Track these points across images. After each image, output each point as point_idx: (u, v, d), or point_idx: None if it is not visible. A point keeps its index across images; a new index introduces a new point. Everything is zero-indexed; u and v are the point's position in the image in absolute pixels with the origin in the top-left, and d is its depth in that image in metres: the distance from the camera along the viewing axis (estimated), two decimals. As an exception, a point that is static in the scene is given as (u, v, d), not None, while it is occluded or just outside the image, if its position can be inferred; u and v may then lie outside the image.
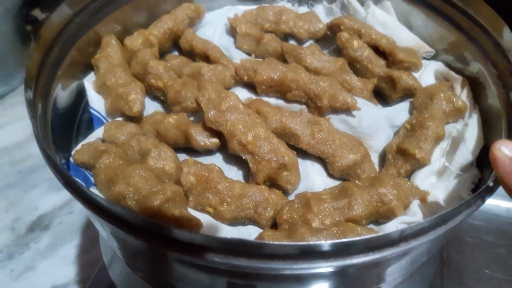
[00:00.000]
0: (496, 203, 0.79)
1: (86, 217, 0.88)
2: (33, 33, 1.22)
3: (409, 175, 0.52)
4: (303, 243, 0.34)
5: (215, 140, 0.52)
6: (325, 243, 0.33)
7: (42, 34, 0.51)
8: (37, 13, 1.28)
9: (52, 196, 0.90)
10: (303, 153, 0.53)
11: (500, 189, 0.39)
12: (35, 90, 0.47)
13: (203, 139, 0.52)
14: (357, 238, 0.33)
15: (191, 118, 0.57)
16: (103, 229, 0.45)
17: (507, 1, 0.60)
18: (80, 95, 0.58)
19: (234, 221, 0.48)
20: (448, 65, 0.63)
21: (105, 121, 0.56)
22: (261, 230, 0.47)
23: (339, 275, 0.40)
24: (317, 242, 0.33)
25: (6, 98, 1.09)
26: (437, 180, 0.51)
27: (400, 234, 0.35)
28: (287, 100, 0.58)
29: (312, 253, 0.34)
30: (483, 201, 0.39)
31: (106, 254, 0.63)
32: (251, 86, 0.60)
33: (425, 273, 0.62)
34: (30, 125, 0.43)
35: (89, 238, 0.84)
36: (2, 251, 0.82)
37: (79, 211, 0.88)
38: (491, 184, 0.39)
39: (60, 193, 0.90)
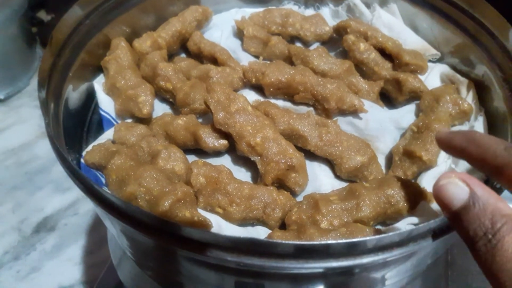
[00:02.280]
0: (500, 205, 0.79)
1: (91, 218, 0.88)
2: (38, 35, 1.23)
3: (416, 177, 0.53)
4: (314, 242, 0.34)
5: (224, 142, 0.52)
6: (337, 242, 0.33)
7: (54, 36, 0.51)
8: (42, 15, 1.29)
9: (58, 198, 0.91)
10: (310, 155, 0.54)
11: (505, 192, 0.39)
12: (47, 91, 0.48)
13: (212, 140, 0.52)
14: (367, 238, 0.34)
15: (200, 120, 0.58)
16: (114, 228, 0.45)
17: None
18: (90, 96, 0.59)
19: (243, 222, 0.49)
20: (454, 67, 0.63)
21: (115, 123, 0.56)
22: (269, 231, 0.48)
23: (345, 274, 0.41)
24: (328, 242, 0.33)
25: (12, 99, 1.10)
26: (443, 181, 0.51)
27: (408, 234, 0.35)
28: (295, 102, 0.59)
29: (322, 252, 0.34)
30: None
31: (115, 254, 0.63)
32: (258, 88, 0.61)
33: (430, 275, 0.62)
34: (36, 126, 0.44)
35: (94, 239, 0.85)
36: (8, 252, 0.82)
37: (84, 212, 0.89)
38: (497, 186, 0.39)
39: (65, 195, 0.91)
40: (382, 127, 0.57)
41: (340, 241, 0.34)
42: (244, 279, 0.43)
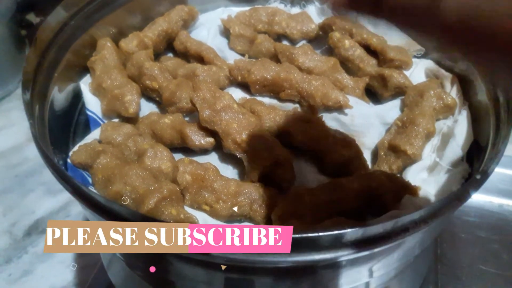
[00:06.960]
0: (489, 199, 0.79)
1: (82, 220, 0.88)
2: (27, 38, 1.22)
3: (401, 171, 0.53)
4: (297, 235, 0.34)
5: (210, 140, 0.53)
6: (320, 235, 0.34)
7: (39, 37, 0.51)
8: (32, 17, 1.28)
9: (49, 200, 0.90)
10: (296, 151, 0.54)
11: (493, 186, 0.39)
12: (32, 92, 0.48)
13: (198, 138, 0.52)
14: (349, 230, 0.34)
15: (187, 119, 0.58)
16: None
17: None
18: (77, 97, 0.59)
19: (230, 219, 0.49)
20: (438, 62, 0.64)
21: (101, 123, 0.57)
22: (256, 227, 0.48)
23: (332, 267, 0.41)
24: (311, 234, 0.34)
25: (2, 102, 1.09)
26: (428, 175, 0.52)
27: (394, 225, 0.36)
28: (281, 99, 0.59)
29: (305, 245, 0.35)
30: (471, 192, 0.39)
31: (105, 256, 0.63)
32: (245, 86, 0.61)
33: (419, 269, 0.63)
34: (26, 129, 0.44)
35: (86, 241, 0.84)
36: (0, 256, 0.82)
37: (76, 214, 0.88)
38: (478, 177, 0.40)
39: (56, 197, 0.91)
40: (368, 122, 0.57)
41: (322, 233, 0.34)
42: (233, 275, 0.43)
